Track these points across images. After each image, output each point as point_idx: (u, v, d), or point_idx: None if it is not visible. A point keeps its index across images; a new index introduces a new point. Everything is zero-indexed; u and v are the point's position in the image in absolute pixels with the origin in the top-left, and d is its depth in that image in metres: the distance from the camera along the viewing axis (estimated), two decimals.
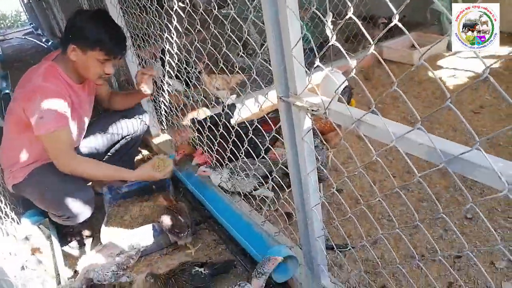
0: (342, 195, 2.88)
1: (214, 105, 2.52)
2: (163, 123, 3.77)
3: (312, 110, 1.41)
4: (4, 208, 2.65)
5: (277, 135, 1.94)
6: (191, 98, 2.83)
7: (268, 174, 2.45)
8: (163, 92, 3.29)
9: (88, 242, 2.97)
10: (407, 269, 2.26)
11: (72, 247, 2.92)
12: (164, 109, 3.51)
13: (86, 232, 3.01)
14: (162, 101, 3.42)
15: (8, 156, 2.67)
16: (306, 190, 1.72)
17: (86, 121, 2.91)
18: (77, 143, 2.85)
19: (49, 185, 2.63)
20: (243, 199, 2.77)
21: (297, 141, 1.62)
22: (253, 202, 2.64)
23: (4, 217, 2.66)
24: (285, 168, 1.88)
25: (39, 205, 2.73)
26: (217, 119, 2.63)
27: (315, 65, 1.32)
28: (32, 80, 2.44)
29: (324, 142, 2.50)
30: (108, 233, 2.72)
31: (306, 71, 1.44)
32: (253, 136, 2.08)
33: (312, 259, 1.95)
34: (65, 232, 2.99)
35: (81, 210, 2.65)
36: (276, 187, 2.44)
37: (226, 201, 2.80)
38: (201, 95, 2.68)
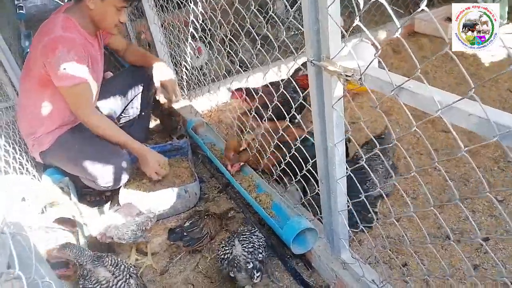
0: None
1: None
2: (184, 88, 3.70)
3: (346, 76, 1.31)
4: (26, 165, 2.66)
5: (303, 102, 1.83)
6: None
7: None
8: (185, 55, 3.19)
9: (107, 203, 2.98)
10: (430, 249, 2.18)
11: (92, 207, 2.95)
12: (185, 73, 3.43)
13: (107, 192, 3.02)
14: (184, 64, 3.33)
15: (29, 122, 2.61)
16: (331, 161, 1.63)
17: (100, 77, 2.84)
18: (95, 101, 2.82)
19: (83, 151, 2.61)
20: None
21: (326, 110, 1.53)
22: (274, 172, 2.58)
23: (25, 173, 2.68)
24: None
25: (72, 171, 2.72)
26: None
27: (354, 24, 1.21)
28: (50, 32, 2.33)
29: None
30: (126, 195, 2.72)
31: (342, 32, 1.32)
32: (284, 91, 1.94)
33: (333, 232, 1.89)
34: (85, 192, 3.01)
35: (119, 175, 2.64)
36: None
37: (245, 169, 2.75)
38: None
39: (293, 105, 1.84)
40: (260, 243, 2.10)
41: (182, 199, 2.68)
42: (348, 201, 1.73)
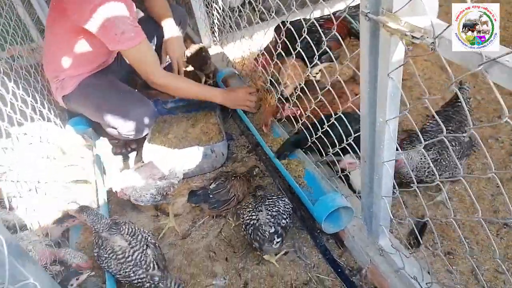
0: None
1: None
2: (215, 33, 3.37)
3: (413, 37, 0.98)
4: (47, 114, 2.55)
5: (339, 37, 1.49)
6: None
7: None
8: None
9: (132, 155, 2.87)
10: (482, 236, 1.91)
11: (117, 159, 2.85)
12: (217, 17, 3.09)
13: (132, 145, 2.90)
14: (215, 7, 2.98)
15: (55, 65, 2.45)
16: (379, 139, 1.35)
17: None
18: None
19: (107, 96, 2.47)
20: None
21: (380, 77, 1.21)
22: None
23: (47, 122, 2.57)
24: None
25: (95, 118, 2.60)
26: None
27: None
28: None
29: None
30: (150, 151, 2.57)
31: None
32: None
33: (372, 216, 1.65)
34: (111, 143, 2.91)
35: (142, 124, 2.50)
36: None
37: (277, 130, 2.50)
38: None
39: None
40: (286, 209, 1.92)
41: (208, 159, 2.50)
42: (395, 186, 1.46)
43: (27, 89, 2.36)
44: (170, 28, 2.74)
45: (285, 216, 1.89)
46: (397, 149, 1.35)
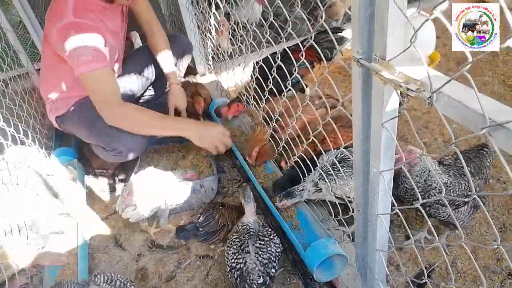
0: None
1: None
2: (209, 61, 3.32)
3: (408, 89, 0.89)
4: (30, 144, 2.45)
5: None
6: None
7: None
8: (209, 26, 2.79)
9: (119, 187, 2.76)
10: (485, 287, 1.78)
11: (104, 191, 2.73)
12: (211, 46, 3.04)
13: (120, 175, 2.79)
14: (209, 37, 2.93)
15: (49, 85, 2.41)
16: (373, 190, 1.25)
17: (121, 55, 2.54)
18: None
19: (99, 117, 2.30)
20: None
21: (373, 126, 1.12)
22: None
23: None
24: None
25: (86, 138, 2.50)
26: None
27: None
28: (62, 16, 2.03)
29: None
30: (138, 183, 2.46)
31: (408, 21, 0.89)
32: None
33: (367, 267, 1.53)
34: (99, 173, 2.80)
35: (134, 145, 2.37)
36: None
37: (269, 165, 2.40)
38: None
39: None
40: (277, 253, 1.80)
41: (197, 194, 2.39)
42: (390, 240, 1.35)
43: (9, 119, 2.26)
44: (172, 77, 2.68)
45: (275, 264, 1.77)
46: (393, 205, 1.24)
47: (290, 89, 1.77)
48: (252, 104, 2.38)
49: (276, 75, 1.85)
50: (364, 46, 1.01)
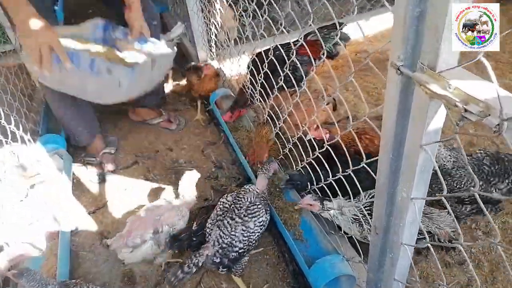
0: None
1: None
2: (212, 48, 3.10)
3: (467, 111, 0.71)
4: (14, 131, 2.24)
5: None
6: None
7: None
8: (214, 11, 2.57)
9: (111, 178, 2.57)
10: None
11: (93, 181, 2.56)
12: (215, 32, 2.82)
13: (109, 166, 2.61)
14: (213, 22, 2.71)
15: None
16: (399, 217, 1.08)
17: None
18: None
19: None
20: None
21: (408, 144, 0.94)
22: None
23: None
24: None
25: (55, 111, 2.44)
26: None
27: None
28: None
29: None
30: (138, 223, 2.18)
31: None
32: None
33: None
34: (87, 161, 2.63)
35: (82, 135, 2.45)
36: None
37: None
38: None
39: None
40: (244, 238, 1.69)
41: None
42: (413, 268, 1.19)
43: None
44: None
45: (238, 249, 1.69)
46: (423, 237, 1.07)
47: (301, 86, 1.60)
48: (257, 99, 2.18)
49: (288, 72, 1.66)
50: (407, 51, 0.82)
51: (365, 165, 1.27)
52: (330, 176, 1.57)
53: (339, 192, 1.58)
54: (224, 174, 2.49)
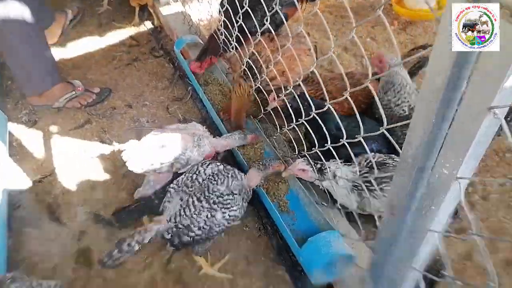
0: None
1: None
2: None
3: None
4: None
5: None
6: None
7: None
8: None
9: (57, 140, 2.19)
10: None
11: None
12: None
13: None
14: None
15: None
16: (432, 198, 0.83)
17: None
18: None
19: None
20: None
21: (465, 107, 0.67)
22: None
23: None
24: None
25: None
26: None
27: None
28: None
29: None
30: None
31: None
32: None
33: (384, 279, 1.17)
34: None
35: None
36: None
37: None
38: None
39: None
40: (207, 224, 1.44)
41: None
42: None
43: None
44: None
45: (194, 234, 1.45)
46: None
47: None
48: (233, 47, 1.82)
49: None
50: None
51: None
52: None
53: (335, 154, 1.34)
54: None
